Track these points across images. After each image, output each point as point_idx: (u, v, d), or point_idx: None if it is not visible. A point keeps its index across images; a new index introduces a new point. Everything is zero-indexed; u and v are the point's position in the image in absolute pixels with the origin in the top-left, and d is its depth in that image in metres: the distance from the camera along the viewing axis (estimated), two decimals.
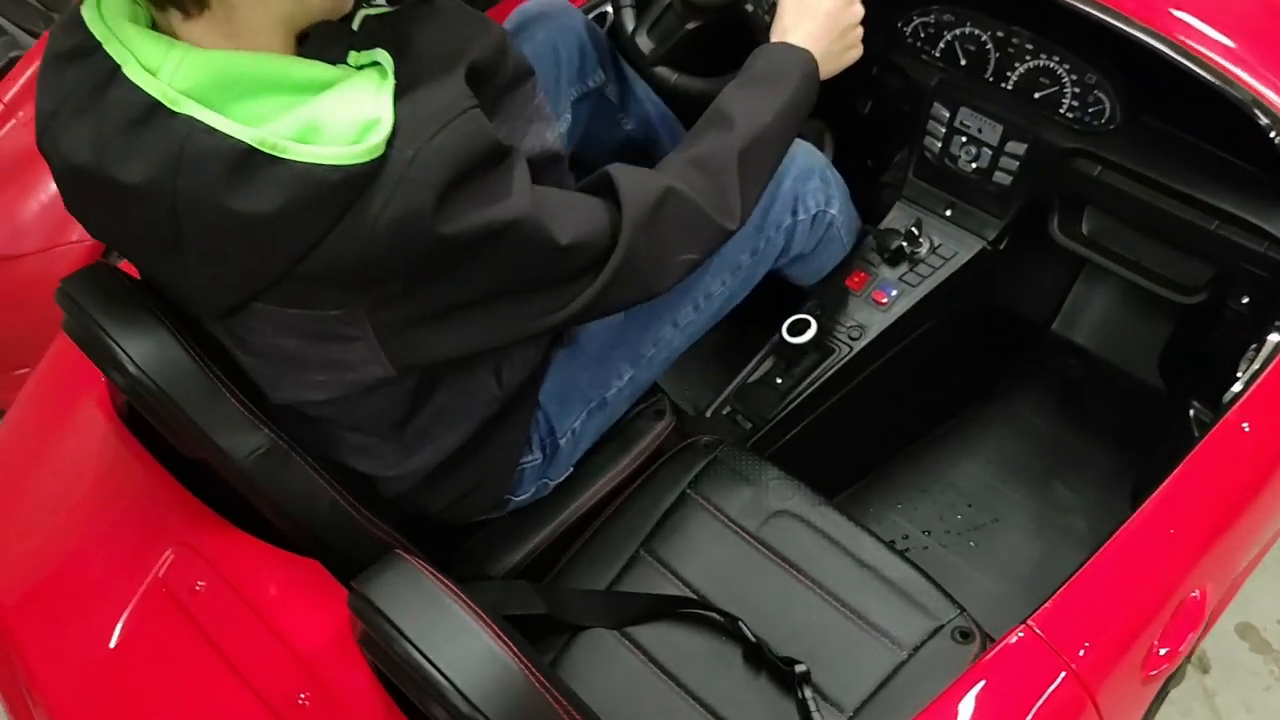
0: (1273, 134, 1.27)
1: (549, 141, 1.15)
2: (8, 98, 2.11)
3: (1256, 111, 1.29)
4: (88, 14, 0.94)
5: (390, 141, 0.90)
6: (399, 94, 0.93)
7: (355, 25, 1.00)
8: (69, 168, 0.94)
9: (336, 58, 0.96)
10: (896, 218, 1.68)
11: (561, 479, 1.47)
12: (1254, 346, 1.31)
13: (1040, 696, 1.02)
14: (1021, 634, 1.05)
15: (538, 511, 1.46)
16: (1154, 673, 1.13)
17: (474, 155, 0.94)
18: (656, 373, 1.50)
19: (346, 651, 1.04)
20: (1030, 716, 1.01)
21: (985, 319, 1.82)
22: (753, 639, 1.28)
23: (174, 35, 0.93)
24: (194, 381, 1.03)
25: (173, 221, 0.91)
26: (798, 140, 1.50)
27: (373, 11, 1.02)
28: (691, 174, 1.17)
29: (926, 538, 1.83)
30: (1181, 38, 1.36)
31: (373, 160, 0.89)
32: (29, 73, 2.13)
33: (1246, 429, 1.22)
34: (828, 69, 1.34)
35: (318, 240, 0.90)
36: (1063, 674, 1.02)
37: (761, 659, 1.28)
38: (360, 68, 0.96)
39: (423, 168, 0.91)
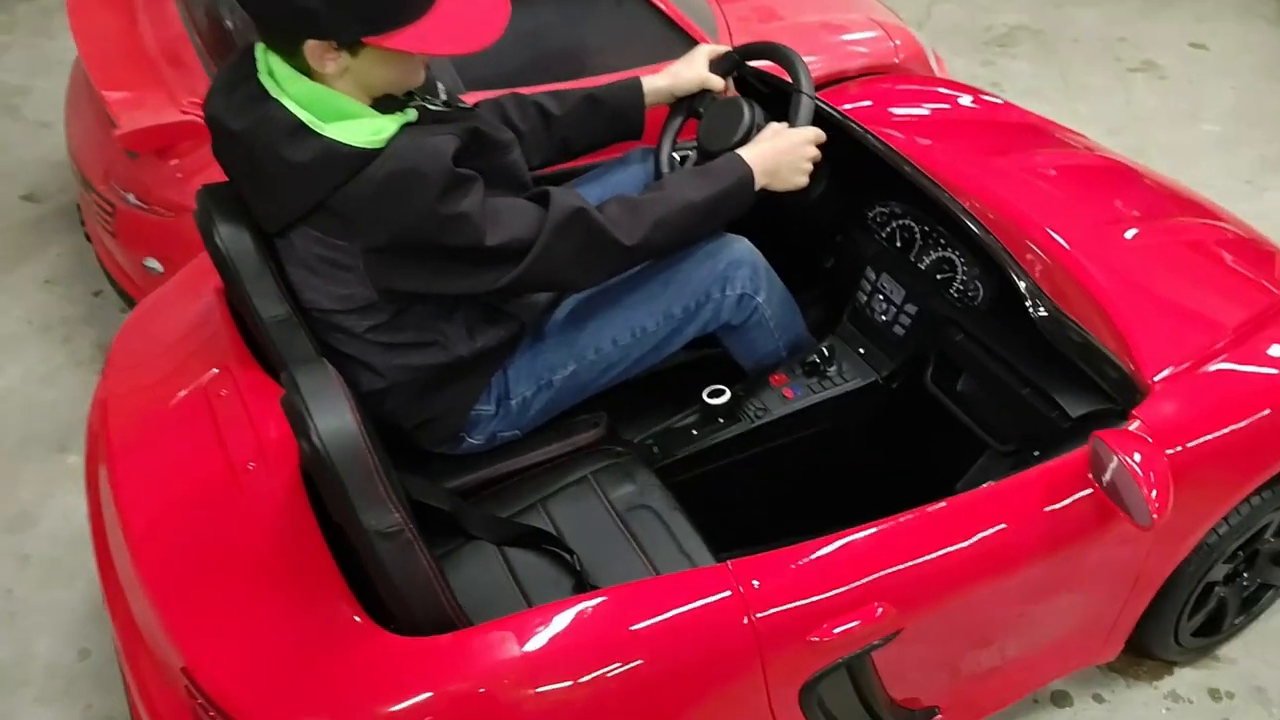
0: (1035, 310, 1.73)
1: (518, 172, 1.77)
2: None
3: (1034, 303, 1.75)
4: (258, 47, 1.59)
5: (390, 140, 1.52)
6: (410, 127, 1.55)
7: (409, 104, 1.61)
8: (209, 118, 1.59)
9: (386, 111, 1.58)
10: (824, 344, 2.16)
11: (508, 436, 1.98)
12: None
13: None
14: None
15: (481, 458, 1.98)
16: (814, 639, 1.54)
17: (442, 158, 1.53)
18: (595, 377, 1.98)
19: (291, 449, 1.59)
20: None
21: (895, 455, 2.24)
22: (578, 569, 1.74)
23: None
24: (252, 258, 1.64)
25: (251, 158, 1.54)
26: (742, 240, 2.00)
27: (430, 105, 1.65)
28: (612, 206, 1.74)
29: None
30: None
31: (373, 148, 1.51)
32: None
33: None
34: (774, 183, 1.88)
35: (334, 188, 1.51)
36: (728, 592, 1.47)
37: (583, 586, 1.74)
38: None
39: (405, 152, 1.52)
